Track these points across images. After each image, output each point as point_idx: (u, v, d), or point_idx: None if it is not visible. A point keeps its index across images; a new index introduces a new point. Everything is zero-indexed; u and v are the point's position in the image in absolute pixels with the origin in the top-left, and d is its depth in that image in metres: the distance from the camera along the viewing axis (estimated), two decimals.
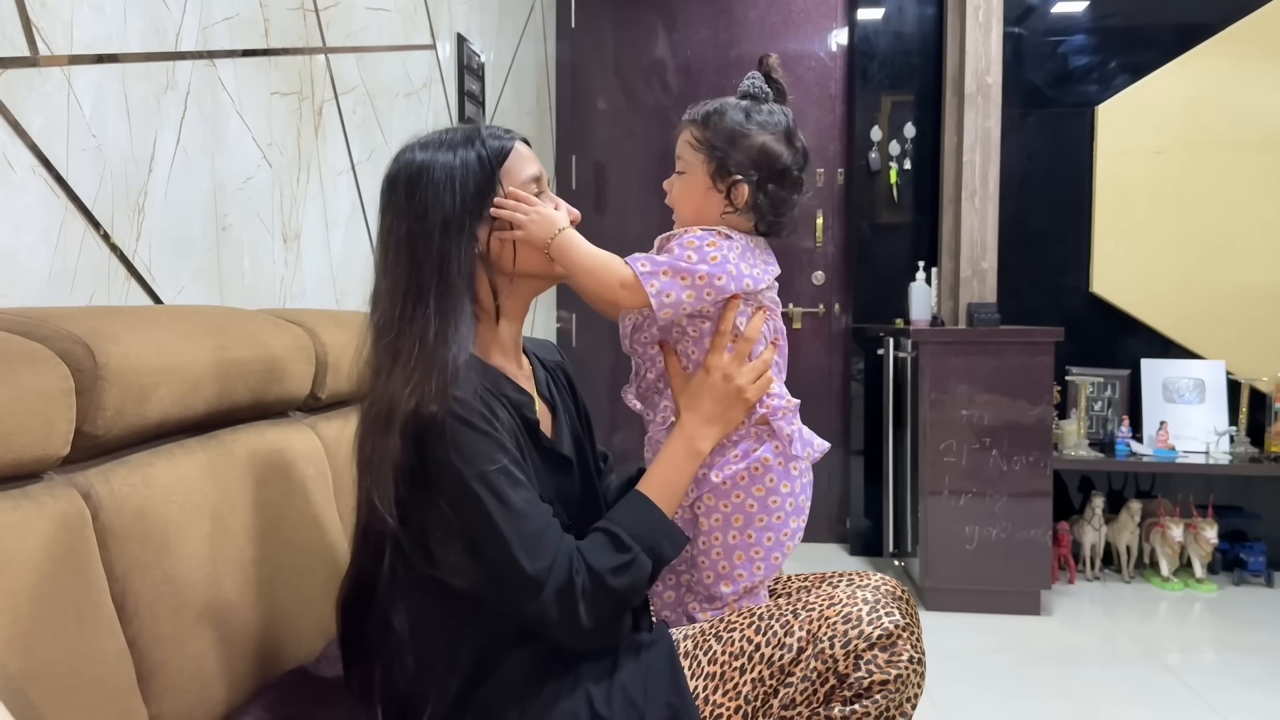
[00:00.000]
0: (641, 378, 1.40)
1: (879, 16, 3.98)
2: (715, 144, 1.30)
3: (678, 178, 1.35)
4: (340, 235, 2.20)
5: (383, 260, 1.21)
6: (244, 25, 1.79)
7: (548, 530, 1.13)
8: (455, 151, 1.21)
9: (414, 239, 1.18)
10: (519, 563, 1.10)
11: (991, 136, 3.72)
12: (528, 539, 1.11)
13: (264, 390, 1.40)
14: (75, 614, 0.95)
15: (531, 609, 1.11)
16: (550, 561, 1.11)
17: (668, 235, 1.33)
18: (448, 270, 1.17)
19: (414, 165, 1.21)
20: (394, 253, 1.19)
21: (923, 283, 3.62)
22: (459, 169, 1.20)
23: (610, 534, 1.18)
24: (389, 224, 1.21)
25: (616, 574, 1.15)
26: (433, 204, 1.18)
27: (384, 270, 1.20)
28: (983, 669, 2.79)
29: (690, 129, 1.33)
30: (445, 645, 1.17)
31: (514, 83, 3.59)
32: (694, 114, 1.34)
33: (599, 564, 1.14)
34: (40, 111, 1.29)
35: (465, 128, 1.26)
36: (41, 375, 0.96)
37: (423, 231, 1.18)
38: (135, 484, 1.08)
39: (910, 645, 1.16)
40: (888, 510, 3.67)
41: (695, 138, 1.32)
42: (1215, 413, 3.63)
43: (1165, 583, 3.55)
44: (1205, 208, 3.73)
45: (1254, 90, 3.69)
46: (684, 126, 1.35)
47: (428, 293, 1.16)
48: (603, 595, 1.14)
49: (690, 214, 1.34)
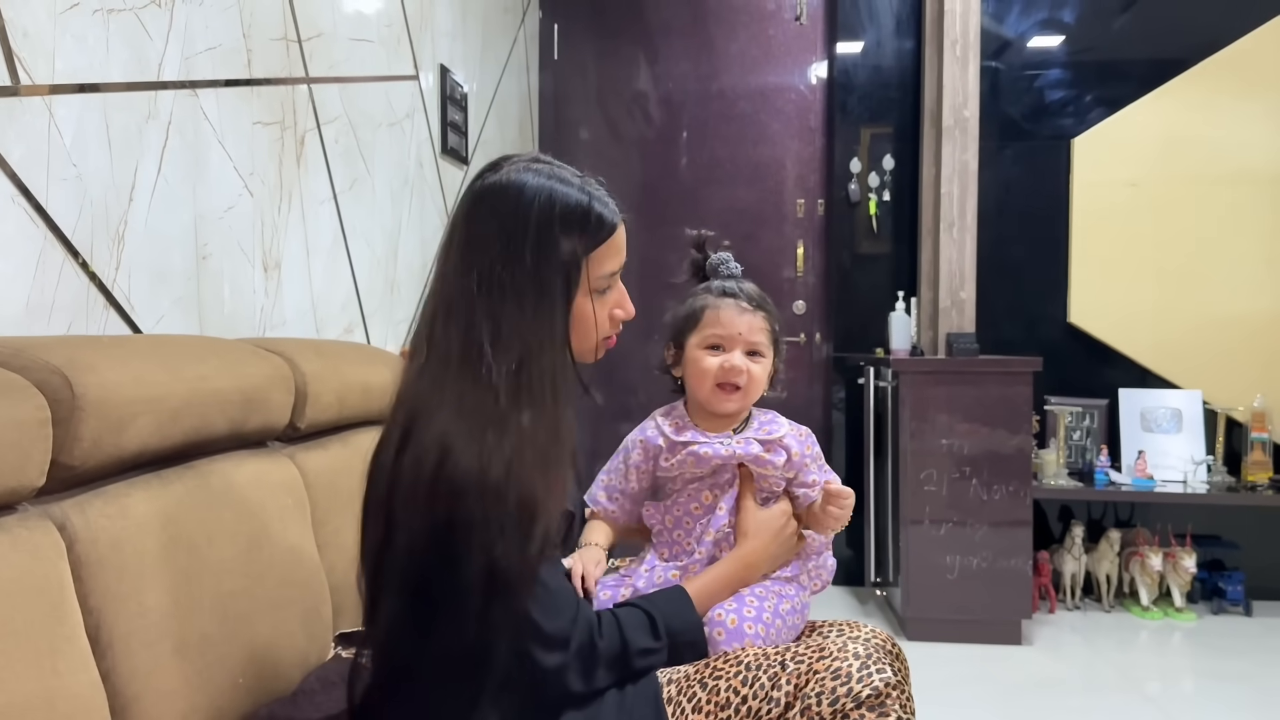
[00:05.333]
0: (674, 503, 1.46)
1: (858, 50, 4.03)
2: (778, 330, 1.48)
3: (756, 361, 1.45)
4: (321, 265, 2.20)
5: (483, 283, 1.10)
6: (227, 55, 1.79)
7: (565, 590, 1.13)
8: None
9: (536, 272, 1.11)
10: (537, 622, 1.08)
11: (969, 169, 3.76)
12: (544, 600, 1.09)
13: (243, 420, 1.40)
14: (49, 647, 0.94)
15: (552, 663, 1.09)
16: (570, 622, 1.11)
17: (803, 435, 1.50)
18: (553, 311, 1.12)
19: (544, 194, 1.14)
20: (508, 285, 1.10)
21: (902, 312, 3.65)
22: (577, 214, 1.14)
23: (651, 618, 1.20)
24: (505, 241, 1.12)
25: (643, 656, 1.17)
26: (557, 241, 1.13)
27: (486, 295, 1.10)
28: (964, 699, 2.78)
29: (765, 317, 1.46)
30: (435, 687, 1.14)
31: (497, 113, 3.61)
32: (756, 299, 1.47)
33: (634, 640, 1.16)
34: (20, 141, 1.29)
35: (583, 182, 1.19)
36: (18, 405, 0.95)
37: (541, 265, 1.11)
38: (112, 515, 1.07)
39: (899, 705, 1.15)
40: (869, 539, 3.67)
41: (770, 326, 1.46)
42: (1192, 442, 3.66)
43: (1145, 612, 3.56)
44: (1180, 239, 3.78)
45: (1227, 124, 3.75)
46: (754, 311, 1.46)
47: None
48: (620, 668, 1.15)
49: (757, 395, 1.47)
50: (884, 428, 3.58)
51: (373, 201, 2.49)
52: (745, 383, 1.42)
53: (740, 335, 1.43)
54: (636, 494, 1.49)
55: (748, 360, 1.43)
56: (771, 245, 4.17)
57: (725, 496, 1.42)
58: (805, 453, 1.46)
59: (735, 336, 1.43)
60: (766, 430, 1.45)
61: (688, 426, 1.46)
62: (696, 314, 1.46)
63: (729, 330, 1.43)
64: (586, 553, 1.43)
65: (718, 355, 1.43)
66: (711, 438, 1.43)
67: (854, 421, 3.94)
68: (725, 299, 1.45)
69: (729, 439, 1.43)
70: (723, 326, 1.44)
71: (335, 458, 1.67)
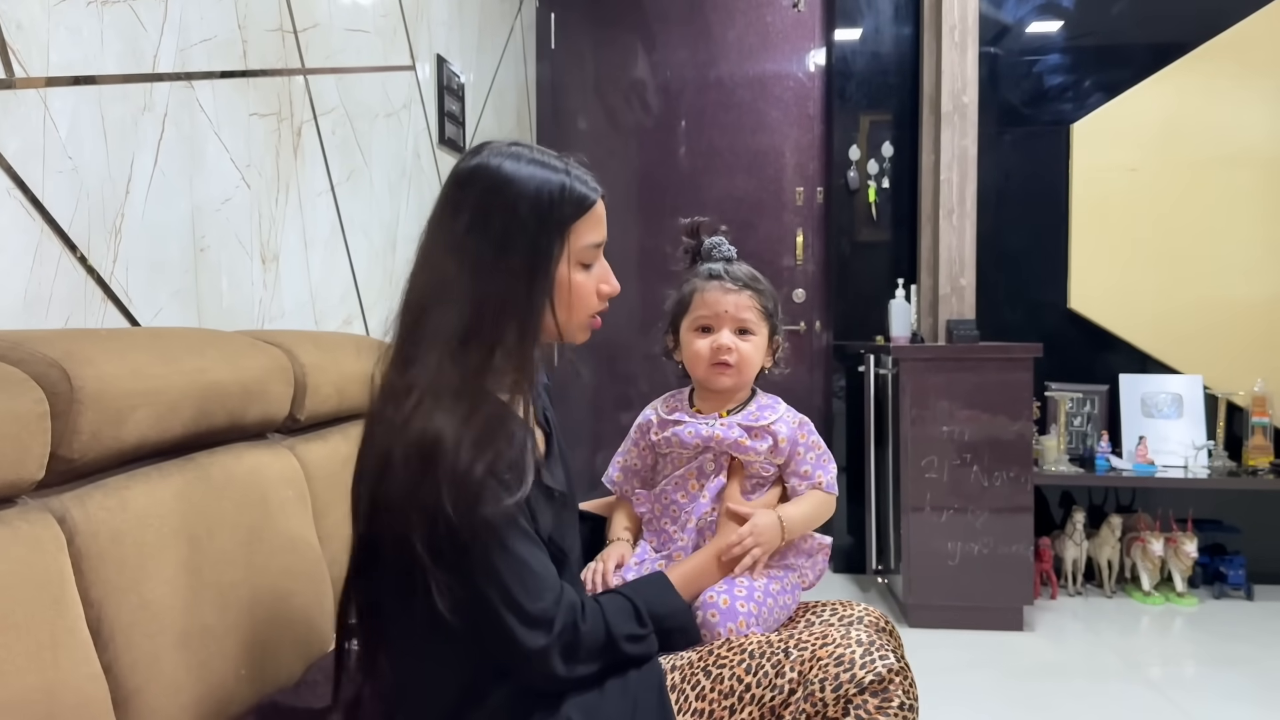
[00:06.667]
0: (662, 491, 1.49)
1: (856, 37, 4.01)
2: (772, 309, 1.50)
3: (745, 339, 1.47)
4: (319, 256, 2.20)
5: (459, 263, 1.14)
6: (222, 47, 1.79)
7: (549, 573, 1.13)
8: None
9: (507, 253, 1.13)
10: (520, 602, 1.09)
11: (968, 155, 3.75)
12: (528, 582, 1.10)
13: (242, 412, 1.39)
14: (50, 640, 0.94)
15: (536, 644, 1.09)
16: (553, 604, 1.11)
17: (798, 423, 1.49)
18: (536, 298, 1.15)
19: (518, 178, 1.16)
20: (476, 264, 1.13)
21: (902, 300, 3.64)
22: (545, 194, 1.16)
23: (634, 604, 1.20)
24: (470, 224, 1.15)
25: (631, 642, 1.17)
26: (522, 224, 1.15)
27: (463, 274, 1.13)
28: (966, 685, 2.79)
29: (752, 295, 1.47)
30: (434, 675, 1.16)
31: (494, 103, 3.60)
32: (742, 278, 1.48)
33: (617, 626, 1.16)
34: (16, 133, 1.29)
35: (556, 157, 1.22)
36: (16, 398, 0.95)
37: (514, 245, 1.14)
38: (111, 508, 1.07)
39: (902, 691, 1.16)
40: (870, 527, 3.68)
41: (759, 303, 1.47)
42: (1193, 427, 3.66)
43: (1146, 597, 3.57)
44: (1180, 224, 3.77)
45: (1227, 107, 3.74)
46: (739, 290, 1.47)
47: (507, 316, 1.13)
48: (607, 654, 1.15)
49: (752, 371, 1.49)
50: (884, 415, 3.58)
51: (370, 193, 2.49)
52: (736, 360, 1.45)
53: (727, 313, 1.46)
54: (644, 472, 1.53)
55: (737, 339, 1.46)
56: (771, 233, 4.16)
57: (710, 485, 1.43)
58: (798, 441, 1.46)
59: (722, 315, 1.46)
60: (756, 415, 1.46)
61: (679, 408, 1.50)
62: (686, 299, 1.50)
63: (716, 310, 1.46)
64: (611, 550, 1.45)
65: (708, 336, 1.47)
66: (698, 419, 1.46)
67: (854, 409, 3.94)
68: (711, 281, 1.48)
69: (714, 420, 1.44)
70: (709, 307, 1.47)
71: (335, 449, 1.67)
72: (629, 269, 4.01)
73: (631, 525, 1.52)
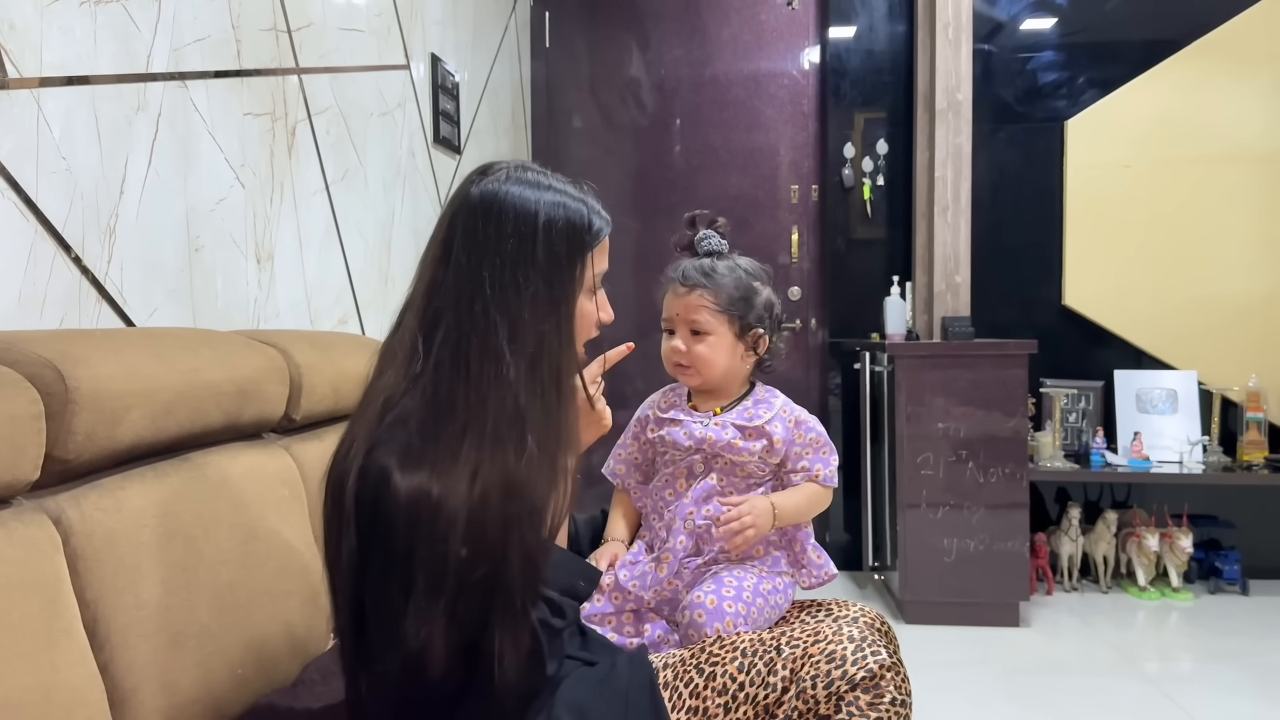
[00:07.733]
0: (653, 488, 1.50)
1: (850, 35, 4.01)
2: (734, 304, 1.44)
3: (699, 340, 1.45)
4: (314, 256, 2.19)
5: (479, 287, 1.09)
6: (216, 46, 1.79)
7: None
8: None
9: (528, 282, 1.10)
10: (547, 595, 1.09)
11: (963, 152, 3.75)
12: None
13: (237, 412, 1.39)
14: (46, 641, 0.94)
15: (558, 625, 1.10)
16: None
17: (795, 422, 1.48)
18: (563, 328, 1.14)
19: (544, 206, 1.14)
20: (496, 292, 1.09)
21: (897, 297, 3.65)
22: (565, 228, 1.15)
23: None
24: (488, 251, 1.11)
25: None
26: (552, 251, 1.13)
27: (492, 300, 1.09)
28: (962, 681, 2.79)
29: (703, 294, 1.44)
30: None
31: (489, 102, 3.60)
32: (693, 279, 1.45)
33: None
34: (9, 134, 1.28)
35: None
36: (10, 399, 0.95)
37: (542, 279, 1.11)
38: (107, 508, 1.07)
39: (894, 687, 1.16)
40: (867, 523, 3.68)
41: (713, 301, 1.43)
42: (1188, 423, 3.66)
43: (1142, 592, 3.58)
44: (1174, 220, 3.78)
45: (1220, 103, 3.75)
46: (688, 291, 1.45)
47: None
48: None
49: (722, 372, 1.46)
50: (880, 412, 3.58)
51: (365, 192, 2.48)
52: (690, 361, 1.45)
53: (679, 316, 1.47)
54: (644, 466, 1.53)
55: (691, 340, 1.45)
56: (766, 231, 4.17)
57: (696, 486, 1.44)
58: (794, 441, 1.46)
59: (674, 318, 1.47)
60: (751, 414, 1.46)
61: (677, 404, 1.50)
62: (659, 300, 1.52)
63: (669, 313, 1.48)
64: (603, 549, 1.46)
65: (672, 339, 1.48)
66: (693, 417, 1.46)
67: (850, 407, 3.94)
68: (671, 282, 1.49)
69: (708, 420, 1.44)
70: (667, 309, 1.49)
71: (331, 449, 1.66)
72: (624, 267, 4.01)
73: (629, 523, 1.52)
